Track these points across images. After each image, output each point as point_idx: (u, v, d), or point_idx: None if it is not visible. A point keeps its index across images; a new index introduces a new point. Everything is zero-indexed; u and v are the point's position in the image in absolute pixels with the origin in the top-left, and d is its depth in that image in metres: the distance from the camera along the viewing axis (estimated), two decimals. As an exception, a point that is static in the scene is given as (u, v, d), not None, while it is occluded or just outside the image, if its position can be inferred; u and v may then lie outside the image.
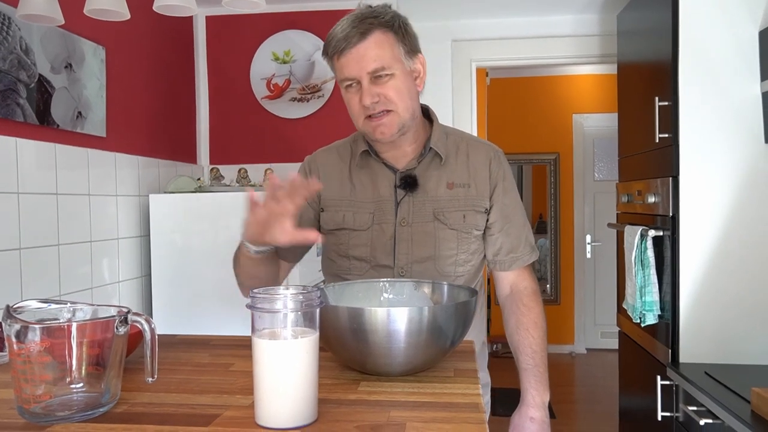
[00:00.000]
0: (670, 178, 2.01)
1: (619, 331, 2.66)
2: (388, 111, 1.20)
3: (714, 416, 1.64)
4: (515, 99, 5.05)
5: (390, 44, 1.20)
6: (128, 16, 1.40)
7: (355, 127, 1.28)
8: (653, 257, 2.12)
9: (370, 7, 1.22)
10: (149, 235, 2.40)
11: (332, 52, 1.21)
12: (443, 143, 1.31)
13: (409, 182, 1.28)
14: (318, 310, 0.77)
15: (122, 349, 0.81)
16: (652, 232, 2.12)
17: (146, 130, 2.48)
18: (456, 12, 2.99)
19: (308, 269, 2.24)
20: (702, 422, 1.67)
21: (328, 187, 1.33)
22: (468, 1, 2.85)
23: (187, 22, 2.87)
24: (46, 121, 1.86)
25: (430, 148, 1.29)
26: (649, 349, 2.25)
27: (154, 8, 1.36)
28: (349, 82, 1.21)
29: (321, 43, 2.82)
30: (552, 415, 3.57)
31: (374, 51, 1.18)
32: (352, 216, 1.30)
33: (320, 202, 1.34)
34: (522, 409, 1.27)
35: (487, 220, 1.31)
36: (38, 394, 0.75)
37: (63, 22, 1.43)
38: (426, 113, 1.35)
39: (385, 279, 1.21)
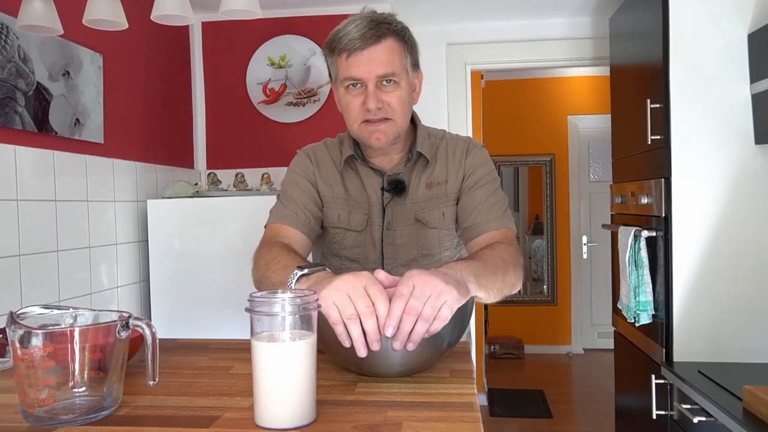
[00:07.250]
0: (663, 180, 2.04)
1: (615, 330, 2.68)
2: (387, 119, 1.20)
3: (707, 414, 1.66)
4: (510, 101, 5.08)
5: (400, 53, 1.20)
6: (126, 26, 1.41)
7: (348, 130, 1.28)
8: (647, 257, 2.14)
9: (378, 13, 1.20)
10: (147, 241, 2.41)
11: (341, 50, 1.17)
12: (428, 145, 1.31)
13: (396, 186, 1.28)
14: (315, 313, 0.79)
15: (124, 354, 0.82)
16: (645, 233, 2.14)
17: (143, 136, 2.50)
18: (451, 16, 3.02)
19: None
20: (696, 420, 1.69)
21: (325, 183, 1.32)
22: (462, 5, 2.88)
23: (183, 29, 2.88)
24: (45, 128, 1.88)
25: (418, 152, 1.29)
26: (643, 348, 2.27)
27: (151, 18, 1.37)
28: (353, 83, 1.18)
29: (317, 48, 2.87)
30: (549, 414, 3.63)
31: (387, 56, 1.17)
32: (347, 216, 1.30)
33: (320, 197, 1.32)
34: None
35: (458, 202, 1.29)
36: (42, 399, 0.77)
37: (62, 32, 1.44)
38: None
39: (380, 281, 1.22)
